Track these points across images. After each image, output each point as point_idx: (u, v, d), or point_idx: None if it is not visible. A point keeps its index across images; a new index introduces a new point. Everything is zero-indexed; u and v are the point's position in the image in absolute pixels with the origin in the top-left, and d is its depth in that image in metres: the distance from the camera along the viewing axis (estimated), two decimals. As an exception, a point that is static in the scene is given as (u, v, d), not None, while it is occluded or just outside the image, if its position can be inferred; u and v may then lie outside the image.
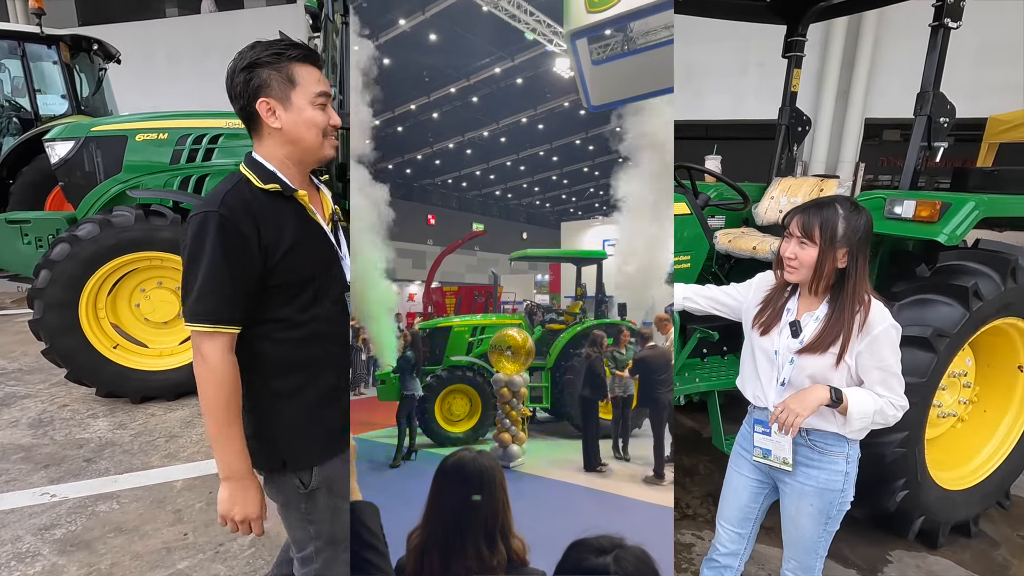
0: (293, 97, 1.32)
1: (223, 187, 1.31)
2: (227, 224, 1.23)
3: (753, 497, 1.82)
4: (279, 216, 1.33)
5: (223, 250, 1.23)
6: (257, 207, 1.29)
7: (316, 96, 1.34)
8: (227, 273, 1.24)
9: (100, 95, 7.80)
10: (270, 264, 1.30)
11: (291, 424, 1.40)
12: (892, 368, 1.54)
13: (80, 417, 3.85)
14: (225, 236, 1.23)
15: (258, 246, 1.27)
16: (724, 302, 1.91)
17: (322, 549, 1.52)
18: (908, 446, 2.36)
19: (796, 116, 3.59)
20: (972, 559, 2.64)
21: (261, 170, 1.34)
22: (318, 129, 1.36)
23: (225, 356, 1.27)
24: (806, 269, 1.58)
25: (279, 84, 1.31)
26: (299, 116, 1.33)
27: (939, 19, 2.60)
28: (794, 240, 1.60)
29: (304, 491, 1.44)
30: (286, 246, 1.31)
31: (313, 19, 4.85)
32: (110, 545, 2.57)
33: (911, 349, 2.31)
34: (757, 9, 3.29)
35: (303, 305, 1.37)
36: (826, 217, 1.55)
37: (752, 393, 1.78)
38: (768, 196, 3.35)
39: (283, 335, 1.36)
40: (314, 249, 1.40)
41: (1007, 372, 2.79)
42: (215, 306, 1.24)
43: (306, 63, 1.34)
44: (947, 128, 2.74)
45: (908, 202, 2.40)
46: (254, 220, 1.27)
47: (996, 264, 2.38)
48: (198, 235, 1.24)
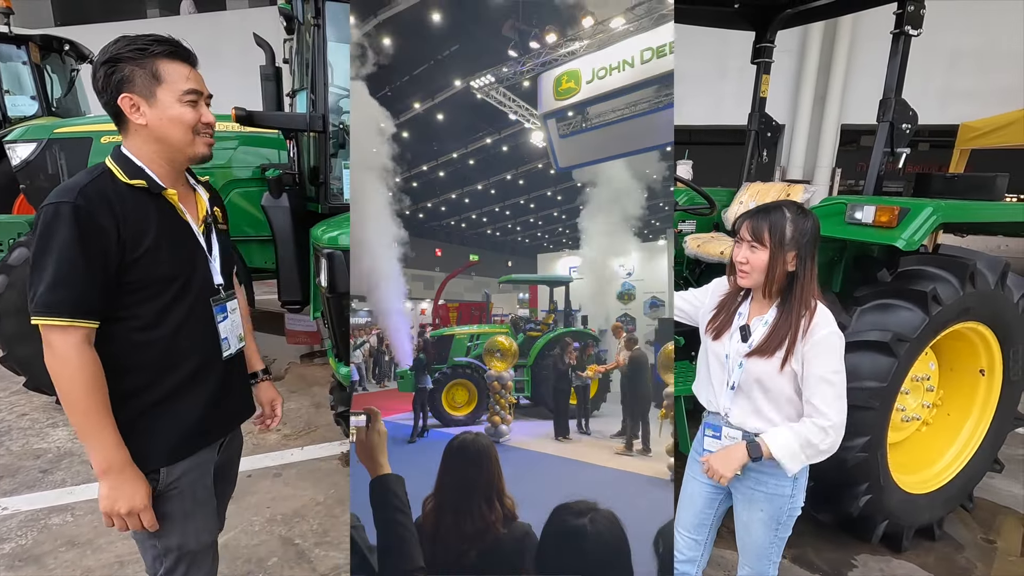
0: (159, 93, 1.29)
1: (81, 178, 1.26)
2: (82, 214, 1.19)
3: (708, 503, 1.82)
4: (142, 213, 1.29)
5: (79, 241, 1.19)
6: (118, 201, 1.25)
7: (184, 93, 1.31)
8: (82, 264, 1.19)
9: (72, 96, 7.65)
10: (127, 260, 1.25)
11: (134, 424, 1.33)
12: (828, 377, 1.50)
13: (39, 427, 3.75)
14: (80, 226, 1.19)
15: (116, 240, 1.23)
16: (683, 308, 1.92)
17: (175, 567, 1.45)
18: (870, 450, 2.36)
19: (766, 121, 3.62)
20: (936, 562, 2.65)
21: (128, 165, 1.31)
22: (185, 126, 1.33)
23: (82, 350, 1.22)
24: (757, 273, 1.59)
25: (143, 80, 1.28)
26: (164, 113, 1.30)
27: (900, 27, 2.63)
28: (744, 245, 1.60)
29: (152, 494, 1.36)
30: (147, 244, 1.27)
31: (287, 21, 4.81)
32: (61, 559, 2.49)
33: (872, 354, 2.33)
34: (725, 16, 3.30)
35: (161, 306, 1.32)
36: (774, 220, 1.55)
37: (705, 398, 1.79)
38: (737, 201, 3.37)
39: (136, 334, 1.31)
40: (178, 250, 1.36)
41: (969, 375, 2.82)
42: (69, 298, 1.19)
43: (174, 59, 1.32)
44: (909, 134, 2.77)
45: (868, 207, 2.42)
46: (112, 213, 1.23)
47: (955, 269, 2.40)
48: (50, 224, 1.20)
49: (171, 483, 1.39)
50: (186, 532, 1.43)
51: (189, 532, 1.44)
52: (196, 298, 1.40)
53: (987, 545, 2.80)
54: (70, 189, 1.22)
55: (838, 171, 9.45)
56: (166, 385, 1.36)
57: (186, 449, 1.41)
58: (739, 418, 1.67)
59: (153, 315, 1.32)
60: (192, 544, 1.45)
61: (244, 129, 4.53)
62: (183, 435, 1.40)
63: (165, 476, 1.38)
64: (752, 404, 1.64)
